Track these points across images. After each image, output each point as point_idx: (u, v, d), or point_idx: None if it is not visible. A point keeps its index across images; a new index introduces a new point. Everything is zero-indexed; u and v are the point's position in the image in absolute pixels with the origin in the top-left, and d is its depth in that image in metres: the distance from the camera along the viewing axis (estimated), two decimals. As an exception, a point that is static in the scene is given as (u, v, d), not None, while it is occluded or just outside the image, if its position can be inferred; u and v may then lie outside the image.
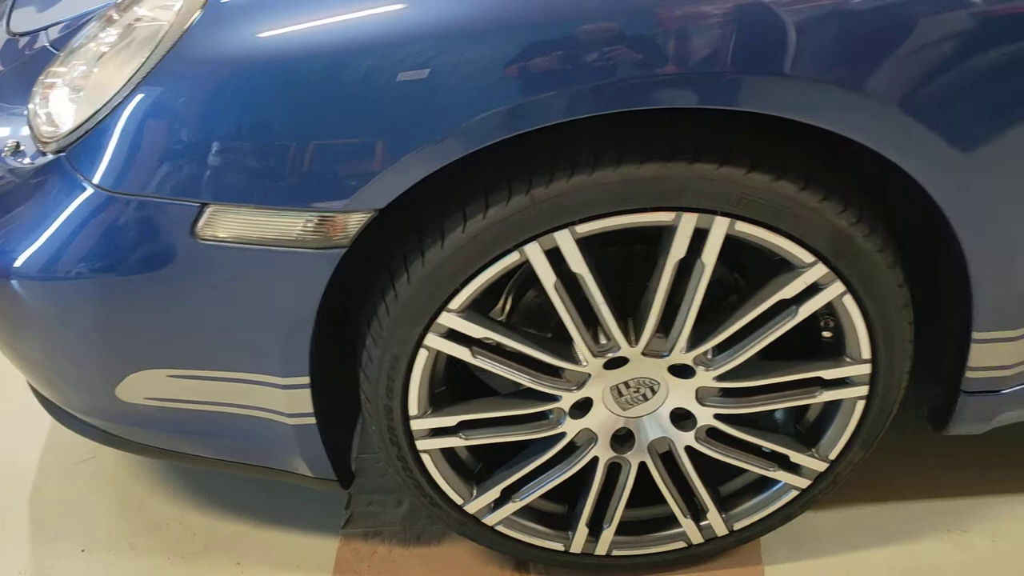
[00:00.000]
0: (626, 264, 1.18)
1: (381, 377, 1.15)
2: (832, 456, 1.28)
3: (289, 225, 1.04)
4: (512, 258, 1.07)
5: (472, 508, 1.30)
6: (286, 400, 1.19)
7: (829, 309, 1.15)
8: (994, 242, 1.08)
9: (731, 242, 1.08)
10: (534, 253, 1.07)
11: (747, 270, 1.22)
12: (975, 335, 1.19)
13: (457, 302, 1.10)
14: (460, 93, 0.96)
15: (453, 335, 1.13)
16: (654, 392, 1.22)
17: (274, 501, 1.54)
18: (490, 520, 1.31)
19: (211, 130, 1.01)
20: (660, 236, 1.09)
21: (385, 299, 1.11)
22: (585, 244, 1.08)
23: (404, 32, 0.97)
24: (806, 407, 1.29)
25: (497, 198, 1.03)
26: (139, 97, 1.03)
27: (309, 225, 1.04)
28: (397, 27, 0.97)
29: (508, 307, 1.24)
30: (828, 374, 1.20)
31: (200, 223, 1.05)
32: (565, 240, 1.06)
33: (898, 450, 1.51)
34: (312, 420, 1.21)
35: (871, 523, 1.47)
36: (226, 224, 1.05)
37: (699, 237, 1.07)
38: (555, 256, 1.07)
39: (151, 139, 1.04)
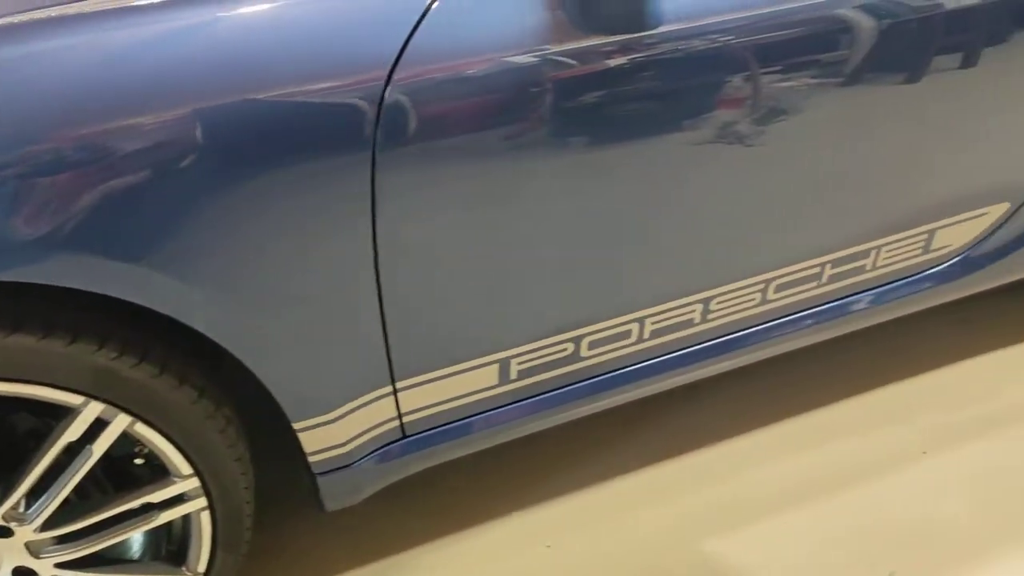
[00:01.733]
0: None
1: None
2: (202, 568, 1.30)
3: None
4: None
5: None
6: None
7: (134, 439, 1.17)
8: (255, 342, 1.17)
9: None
10: None
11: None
12: (295, 425, 1.28)
13: None
14: None
15: None
16: (-15, 558, 1.17)
17: None
18: None
19: None
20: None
21: None
22: None
23: None
24: (169, 529, 1.30)
25: None
26: None
27: None
28: None
29: None
30: (157, 496, 1.22)
31: None
32: None
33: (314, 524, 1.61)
34: None
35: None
36: None
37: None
38: None
39: None
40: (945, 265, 1.73)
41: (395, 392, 1.34)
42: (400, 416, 1.38)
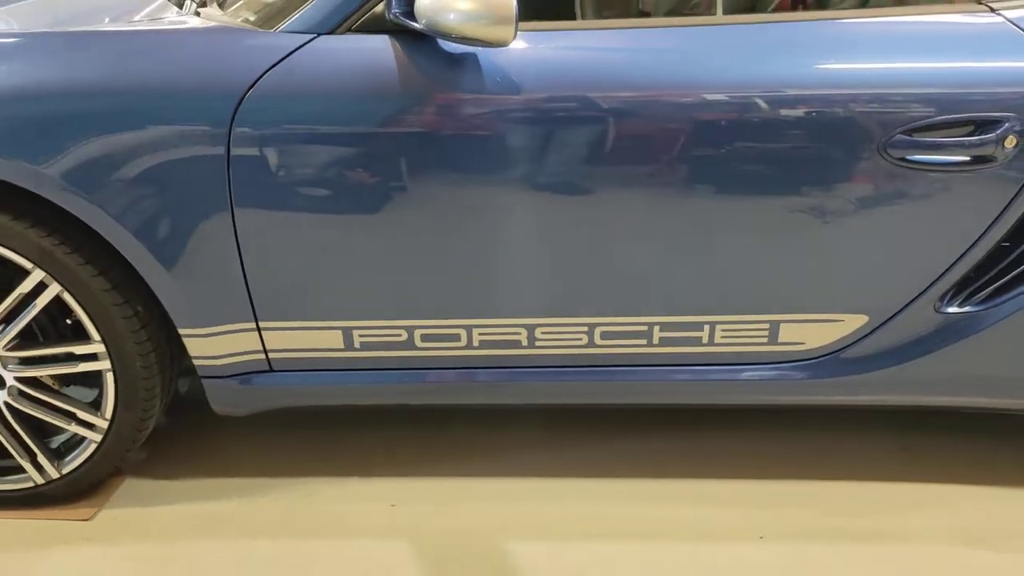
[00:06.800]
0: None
1: None
2: (108, 416, 1.85)
3: None
4: None
5: None
6: None
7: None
8: (154, 256, 1.69)
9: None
10: None
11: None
12: (180, 331, 1.79)
13: None
14: None
15: None
16: (-25, 361, 1.82)
17: None
18: None
19: None
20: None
21: None
22: None
23: None
24: (100, 378, 1.86)
25: None
26: None
27: None
28: None
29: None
30: (79, 350, 1.79)
31: None
32: None
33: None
34: None
35: (204, 487, 2.02)
36: None
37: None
38: None
39: None
40: (803, 362, 1.81)
41: (259, 330, 1.81)
42: (266, 351, 1.83)
